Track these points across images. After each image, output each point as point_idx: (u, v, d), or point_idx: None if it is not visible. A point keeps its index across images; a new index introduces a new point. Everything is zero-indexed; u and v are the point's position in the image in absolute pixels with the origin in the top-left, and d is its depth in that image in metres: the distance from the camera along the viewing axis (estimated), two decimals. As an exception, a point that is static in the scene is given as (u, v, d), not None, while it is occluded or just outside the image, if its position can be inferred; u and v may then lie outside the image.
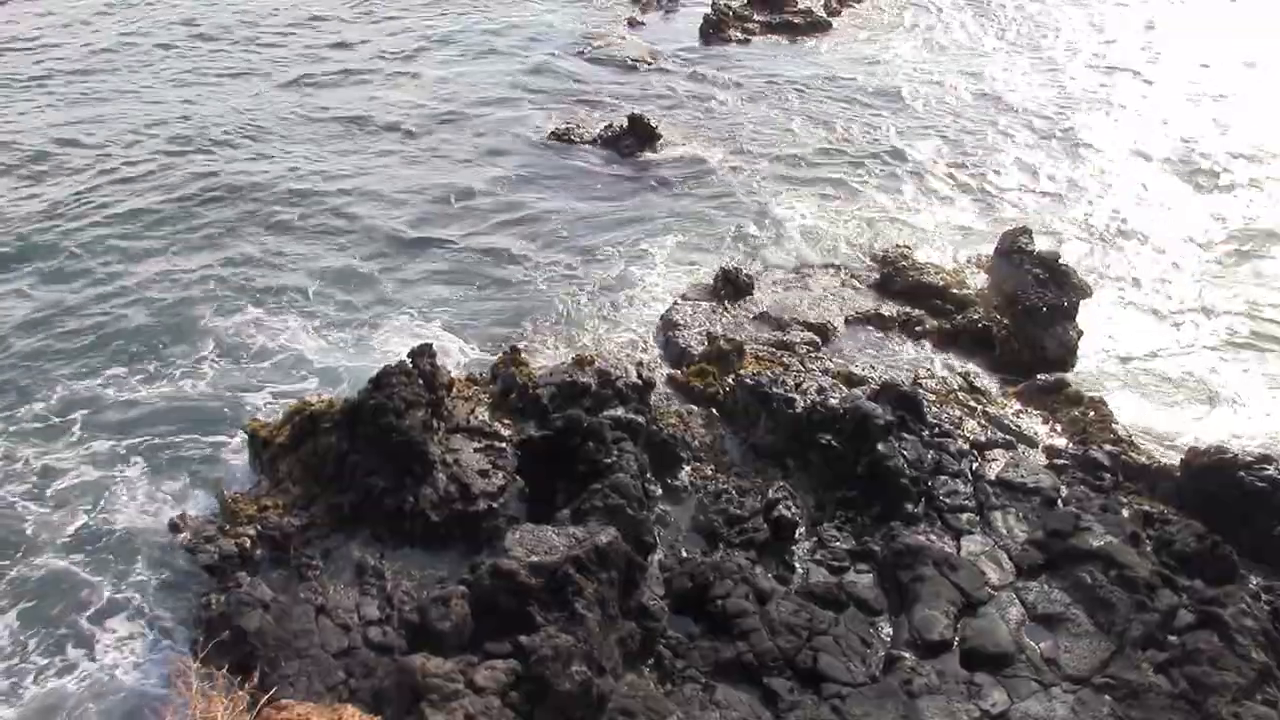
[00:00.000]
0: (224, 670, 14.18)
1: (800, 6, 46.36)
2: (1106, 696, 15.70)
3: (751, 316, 24.92)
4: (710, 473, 20.12)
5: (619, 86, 38.22)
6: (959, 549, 18.29)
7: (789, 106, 37.03)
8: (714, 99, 37.37)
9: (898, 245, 28.00)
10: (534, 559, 16.34)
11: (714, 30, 43.62)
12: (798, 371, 22.51)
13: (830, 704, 15.42)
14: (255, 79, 37.88)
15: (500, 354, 23.05)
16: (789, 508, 18.98)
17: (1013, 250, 26.03)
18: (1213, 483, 19.11)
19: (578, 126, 34.48)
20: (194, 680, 13.44)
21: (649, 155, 33.11)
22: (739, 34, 43.69)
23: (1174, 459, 20.58)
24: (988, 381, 23.42)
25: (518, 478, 19.18)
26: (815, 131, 35.30)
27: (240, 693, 12.97)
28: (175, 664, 15.37)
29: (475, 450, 19.66)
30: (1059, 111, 38.18)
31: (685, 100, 37.27)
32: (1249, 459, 19.21)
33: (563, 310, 25.55)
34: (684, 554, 18.26)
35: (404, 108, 36.03)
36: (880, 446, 19.49)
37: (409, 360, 20.36)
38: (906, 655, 16.20)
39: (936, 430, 20.53)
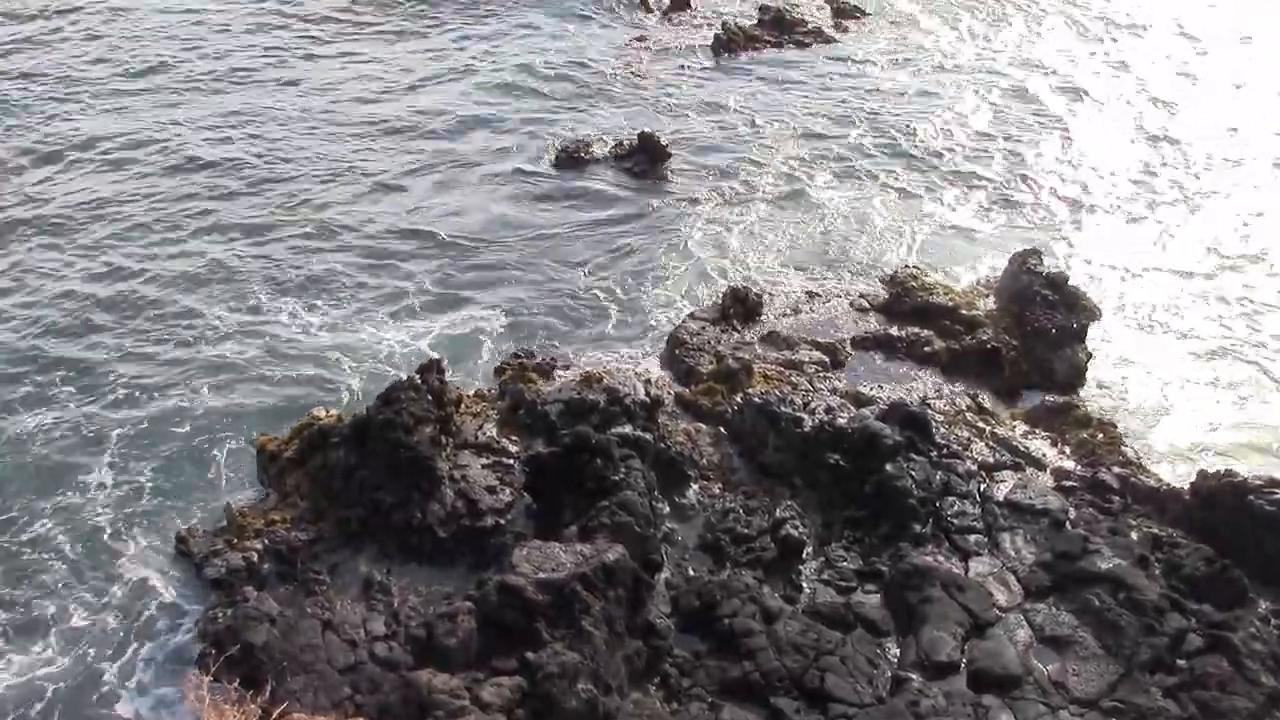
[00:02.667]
0: (235, 684, 14.22)
1: (810, 26, 46.51)
2: (1114, 720, 15.66)
3: (760, 335, 24.93)
4: (718, 491, 20.11)
5: (628, 103, 38.31)
6: (967, 570, 18.24)
7: (799, 124, 37.05)
8: (723, 117, 37.44)
9: (907, 265, 28.03)
10: (541, 576, 16.35)
11: (724, 49, 43.78)
12: (806, 391, 22.51)
13: (837, 725, 15.39)
14: (271, 96, 38.14)
15: (508, 370, 23.13)
16: (796, 527, 18.96)
17: (1022, 271, 26.03)
18: (1222, 506, 19.04)
19: (588, 144, 34.56)
20: (206, 693, 13.47)
21: (659, 173, 33.17)
22: (749, 52, 43.87)
23: (1183, 482, 20.50)
24: (996, 403, 23.38)
25: (525, 494, 19.19)
26: (825, 148, 35.28)
27: (252, 706, 13.00)
28: (187, 677, 15.40)
29: (483, 466, 19.69)
30: (1065, 119, 38.16)
31: (695, 117, 37.33)
32: (1258, 482, 19.13)
33: (571, 327, 25.62)
34: (691, 572, 18.24)
35: (411, 121, 36.17)
36: (888, 467, 19.48)
37: (418, 376, 20.42)
38: (914, 676, 16.15)
39: (945, 451, 20.47)
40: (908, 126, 37.21)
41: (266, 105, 36.49)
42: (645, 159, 33.56)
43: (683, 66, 42.04)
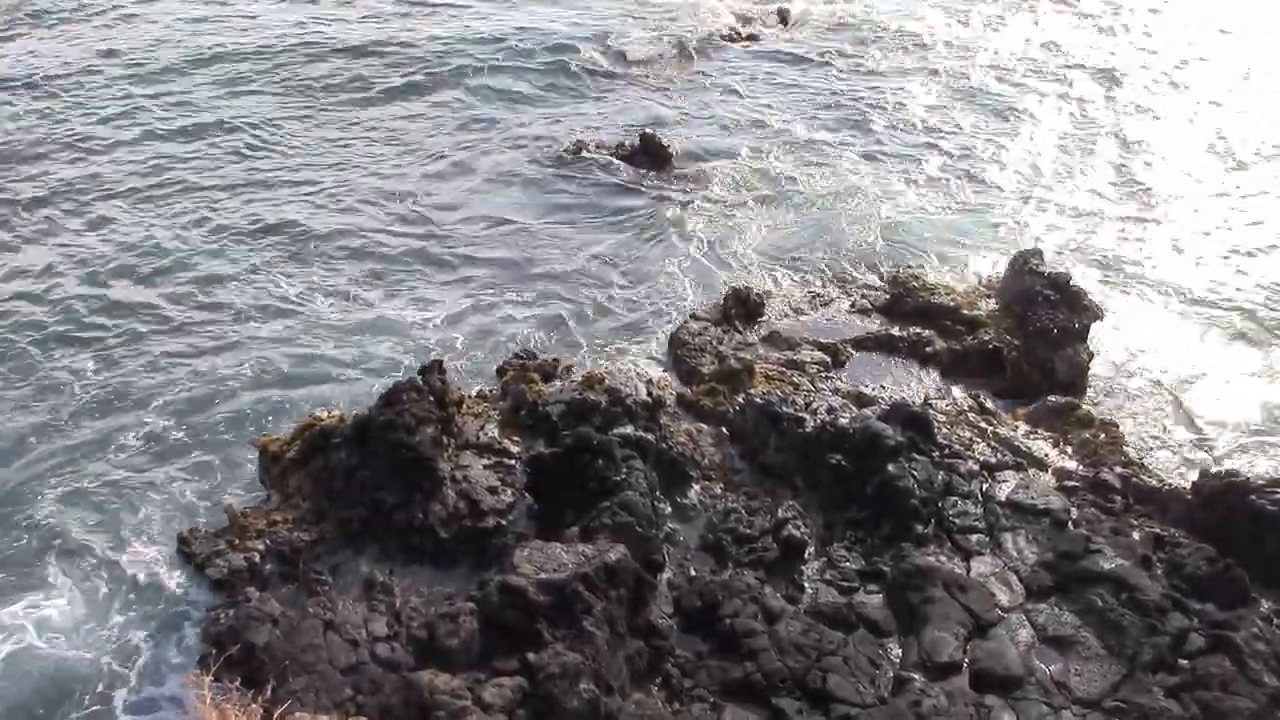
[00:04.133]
0: (236, 684, 14.24)
1: (810, 27, 46.57)
2: (1117, 720, 15.63)
3: (761, 336, 24.94)
4: (720, 491, 20.10)
5: (630, 104, 38.36)
6: (969, 570, 18.21)
7: (801, 124, 37.07)
8: (725, 118, 37.45)
9: (909, 266, 28.05)
10: (542, 576, 16.33)
11: (725, 49, 43.89)
12: (808, 391, 22.51)
13: (839, 725, 15.37)
14: (279, 101, 38.22)
15: (510, 371, 23.13)
16: (798, 527, 18.95)
17: (1023, 271, 26.01)
18: (1224, 506, 19.01)
19: (591, 145, 34.58)
20: (207, 693, 13.50)
21: (661, 173, 33.21)
22: (751, 52, 43.93)
23: (1185, 482, 20.48)
24: (998, 403, 23.36)
25: (527, 495, 19.18)
26: (827, 149, 35.28)
27: (253, 706, 13.02)
28: (188, 677, 15.43)
29: (484, 467, 19.68)
30: (1069, 117, 38.13)
31: (696, 118, 37.37)
32: (1260, 482, 19.13)
33: (573, 328, 25.63)
34: (693, 572, 18.23)
35: (412, 123, 36.21)
36: (890, 467, 19.46)
37: (419, 377, 20.43)
38: (916, 677, 16.14)
39: (947, 451, 20.45)
40: (910, 126, 37.22)
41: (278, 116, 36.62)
42: (647, 160, 33.60)
43: (684, 67, 42.07)
